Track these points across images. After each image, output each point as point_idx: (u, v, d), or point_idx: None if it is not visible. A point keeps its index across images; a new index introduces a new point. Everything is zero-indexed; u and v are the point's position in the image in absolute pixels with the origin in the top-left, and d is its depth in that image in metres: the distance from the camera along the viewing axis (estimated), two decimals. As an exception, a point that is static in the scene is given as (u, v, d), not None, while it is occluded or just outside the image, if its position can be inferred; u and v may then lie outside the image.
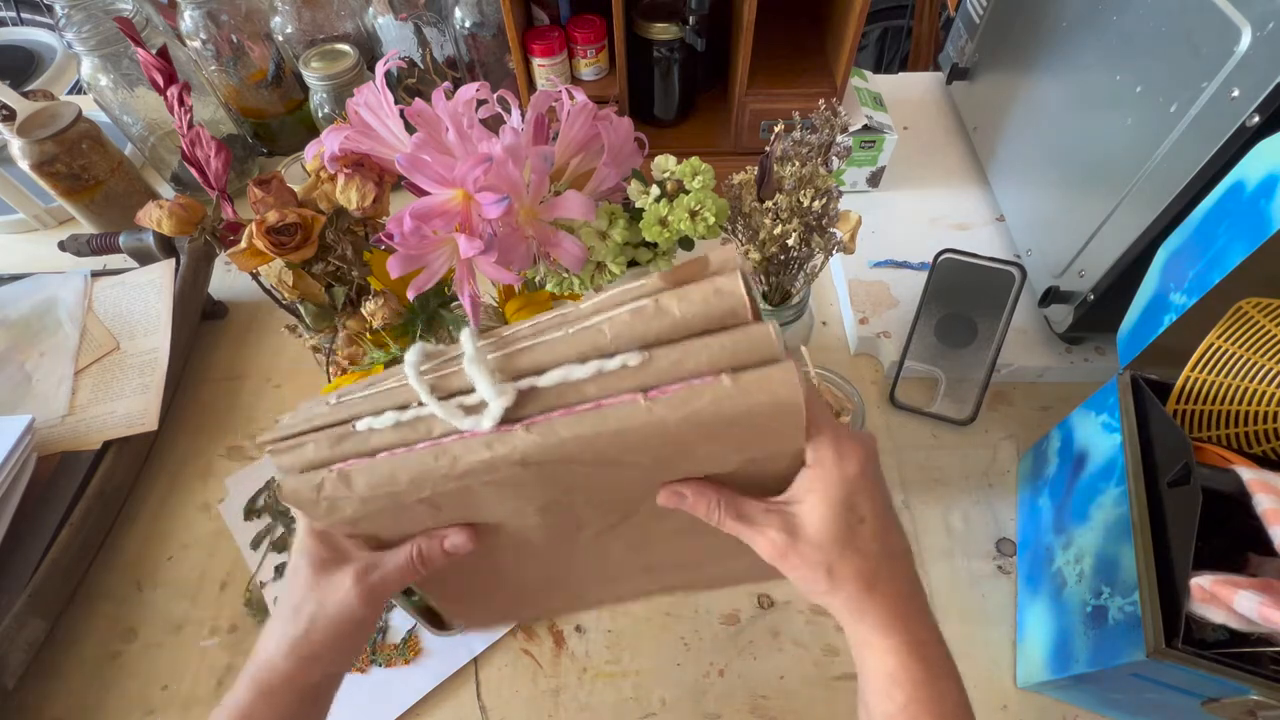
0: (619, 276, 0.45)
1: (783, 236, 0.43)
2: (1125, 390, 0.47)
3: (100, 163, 0.76)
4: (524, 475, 0.29)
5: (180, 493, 0.64)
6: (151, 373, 0.66)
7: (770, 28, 0.75)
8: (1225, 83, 0.45)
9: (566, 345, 0.29)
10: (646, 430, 0.27)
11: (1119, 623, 0.40)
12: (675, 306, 0.28)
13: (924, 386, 0.68)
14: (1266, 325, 0.43)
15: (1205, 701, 0.38)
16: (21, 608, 0.51)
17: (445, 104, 0.41)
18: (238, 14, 0.82)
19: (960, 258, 0.66)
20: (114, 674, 0.55)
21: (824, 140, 0.44)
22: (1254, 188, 0.38)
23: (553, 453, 0.28)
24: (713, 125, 0.84)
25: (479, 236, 0.38)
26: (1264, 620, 0.33)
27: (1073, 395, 0.57)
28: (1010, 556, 0.58)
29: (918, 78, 0.98)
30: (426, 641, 0.55)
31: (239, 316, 0.78)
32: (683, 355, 0.28)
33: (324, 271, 0.49)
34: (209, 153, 0.44)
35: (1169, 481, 0.41)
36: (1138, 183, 0.53)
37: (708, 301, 0.27)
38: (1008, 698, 0.52)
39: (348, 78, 0.80)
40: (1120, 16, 0.56)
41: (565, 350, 0.29)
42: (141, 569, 0.60)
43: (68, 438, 0.61)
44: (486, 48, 0.84)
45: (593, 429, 0.28)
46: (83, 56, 0.74)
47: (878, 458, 0.31)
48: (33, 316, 0.71)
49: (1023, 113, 0.73)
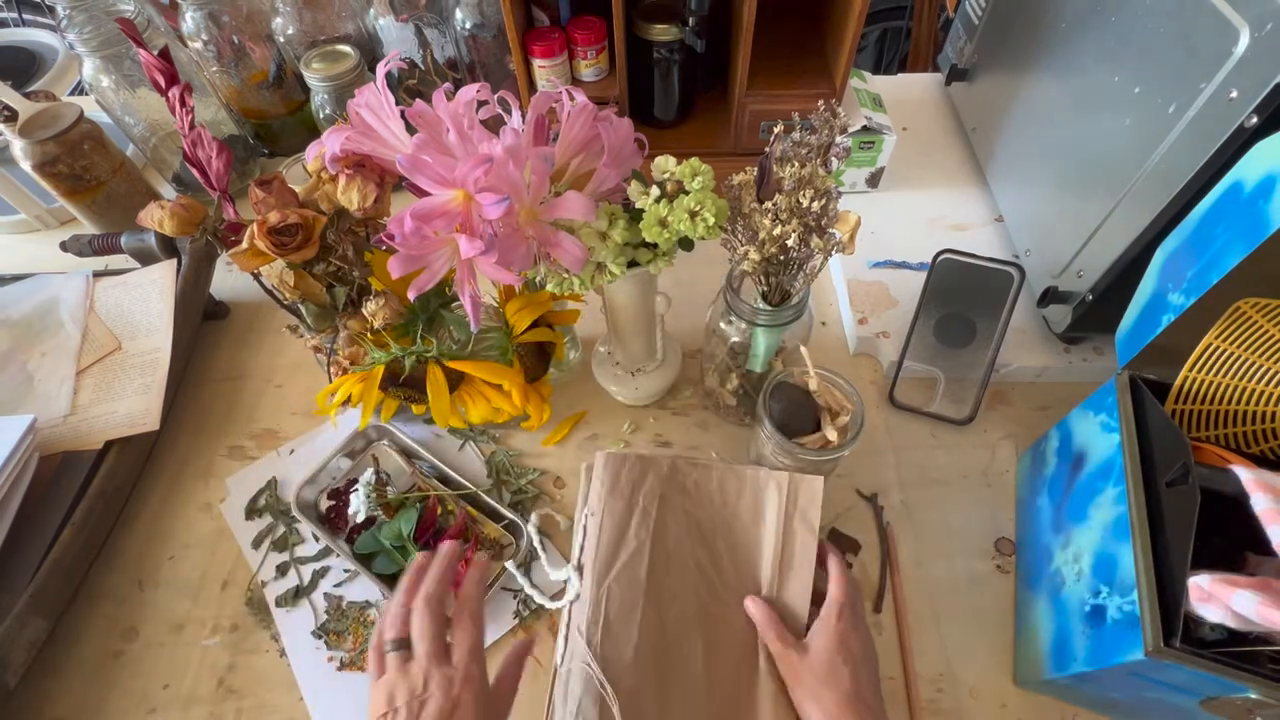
0: (618, 277, 0.45)
1: (782, 237, 0.43)
2: (1124, 390, 0.47)
3: (102, 163, 0.76)
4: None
5: (182, 492, 0.64)
6: (153, 373, 0.66)
7: (770, 29, 0.75)
8: (1224, 83, 0.45)
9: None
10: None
11: (1117, 622, 0.41)
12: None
13: (923, 386, 0.68)
14: (1265, 325, 0.43)
15: (1204, 700, 0.38)
16: (23, 607, 0.51)
17: (446, 105, 0.41)
18: (239, 15, 0.83)
19: (959, 258, 0.66)
20: (116, 673, 0.55)
21: (823, 141, 0.44)
22: (1252, 188, 0.38)
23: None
24: (712, 126, 0.84)
25: (480, 237, 0.38)
26: (1262, 619, 0.33)
27: (1071, 395, 0.57)
28: (1009, 556, 0.58)
29: (917, 79, 0.98)
30: (427, 641, 0.55)
31: (240, 317, 0.78)
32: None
33: (325, 272, 0.50)
34: (210, 153, 0.44)
35: (1167, 481, 0.41)
36: (1136, 183, 0.53)
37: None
38: (1007, 697, 0.52)
39: (349, 79, 0.80)
40: (1119, 17, 0.57)
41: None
42: (143, 568, 0.60)
43: (69, 437, 0.62)
44: (487, 49, 0.84)
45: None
46: (84, 57, 0.74)
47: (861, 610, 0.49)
48: (34, 317, 0.71)
49: (1021, 113, 0.73)
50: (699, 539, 0.52)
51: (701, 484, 0.54)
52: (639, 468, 0.54)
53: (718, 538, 0.52)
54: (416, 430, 0.67)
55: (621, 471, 0.54)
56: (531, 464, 0.65)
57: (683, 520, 0.52)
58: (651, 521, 0.52)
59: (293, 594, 0.58)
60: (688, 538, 0.52)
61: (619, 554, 0.50)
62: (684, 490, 0.54)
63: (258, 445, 0.67)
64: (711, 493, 0.54)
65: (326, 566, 0.59)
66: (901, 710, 0.51)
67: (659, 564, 0.50)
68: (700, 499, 0.54)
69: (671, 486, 0.54)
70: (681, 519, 0.52)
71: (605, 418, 0.68)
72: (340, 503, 0.61)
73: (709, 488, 0.54)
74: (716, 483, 0.54)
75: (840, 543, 0.59)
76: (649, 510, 0.52)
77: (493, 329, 0.57)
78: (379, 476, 0.61)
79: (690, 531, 0.52)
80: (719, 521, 0.53)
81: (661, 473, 0.54)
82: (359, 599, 0.58)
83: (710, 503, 0.54)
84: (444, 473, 0.63)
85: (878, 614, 0.56)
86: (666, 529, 0.52)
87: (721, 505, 0.54)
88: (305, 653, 0.55)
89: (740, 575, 0.51)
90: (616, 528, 0.51)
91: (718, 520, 0.53)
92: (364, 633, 0.56)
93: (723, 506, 0.54)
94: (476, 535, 0.59)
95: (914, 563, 0.58)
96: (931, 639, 0.54)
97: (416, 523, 0.58)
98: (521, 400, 0.54)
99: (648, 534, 0.51)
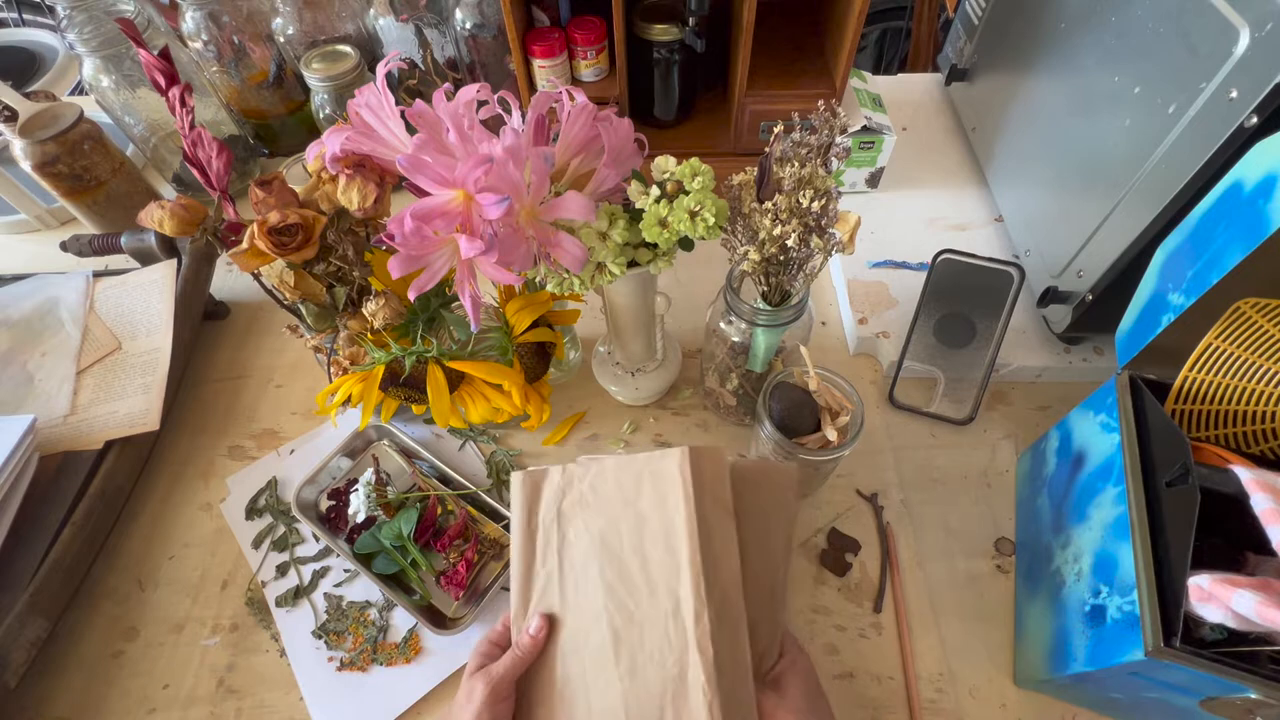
0: (618, 277, 0.45)
1: (782, 237, 0.43)
2: (1124, 390, 0.47)
3: (102, 163, 0.76)
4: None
5: (182, 492, 0.65)
6: (153, 372, 0.66)
7: (770, 29, 0.76)
8: (1224, 84, 0.45)
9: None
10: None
11: (1117, 622, 0.41)
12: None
13: (923, 386, 0.68)
14: (1264, 325, 0.43)
15: (1204, 700, 0.38)
16: (24, 607, 0.51)
17: (446, 105, 0.41)
18: (239, 15, 0.83)
19: (959, 258, 0.66)
20: (116, 673, 0.55)
21: (823, 141, 0.44)
22: (1252, 188, 0.38)
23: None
24: (712, 126, 0.84)
25: (480, 237, 0.38)
26: (1262, 619, 0.33)
27: (1071, 395, 0.57)
28: (1009, 556, 0.58)
29: (917, 79, 0.98)
30: (427, 641, 0.55)
31: (240, 317, 0.78)
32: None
33: (325, 272, 0.50)
34: (211, 154, 0.44)
35: (1167, 481, 0.41)
36: (1136, 183, 0.53)
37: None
38: (1006, 697, 0.52)
39: (349, 79, 0.80)
40: (1118, 17, 0.57)
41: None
42: (143, 568, 0.60)
43: (70, 437, 0.62)
44: (487, 49, 0.84)
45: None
46: (84, 57, 0.74)
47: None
48: (35, 317, 0.71)
49: (1021, 113, 0.73)
50: (606, 555, 0.45)
51: (598, 487, 0.46)
52: (530, 485, 0.48)
53: (624, 548, 0.44)
54: (416, 430, 0.67)
55: (520, 493, 0.48)
56: (531, 464, 0.65)
57: (585, 536, 0.46)
58: (554, 546, 0.46)
59: (293, 594, 0.58)
60: (594, 555, 0.45)
61: (532, 589, 0.46)
62: (582, 502, 0.47)
63: (258, 445, 0.67)
64: (610, 495, 0.46)
65: (326, 566, 0.59)
66: (902, 710, 0.51)
67: (569, 594, 0.45)
68: (600, 506, 0.46)
69: (569, 499, 0.47)
70: (584, 536, 0.46)
71: (605, 418, 0.68)
72: (340, 503, 0.61)
73: (605, 490, 0.46)
74: (613, 482, 0.46)
75: (840, 543, 0.59)
76: (550, 532, 0.47)
77: (493, 329, 0.57)
78: (379, 476, 0.61)
79: (594, 547, 0.45)
80: (625, 528, 0.45)
81: (555, 486, 0.48)
82: (359, 599, 0.58)
83: (611, 507, 0.46)
84: (444, 473, 0.63)
85: (878, 614, 0.56)
86: (571, 550, 0.46)
87: (623, 507, 0.45)
88: (305, 653, 0.55)
89: (655, 587, 0.43)
90: (524, 560, 0.47)
91: (623, 527, 0.45)
92: (364, 633, 0.56)
93: (624, 508, 0.45)
94: (476, 535, 0.59)
95: (914, 563, 0.58)
96: (931, 639, 0.54)
97: (416, 523, 0.58)
98: (521, 400, 0.55)
99: (555, 560, 0.46)
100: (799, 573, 0.58)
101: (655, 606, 0.42)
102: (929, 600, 0.56)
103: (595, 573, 0.44)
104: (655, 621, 0.42)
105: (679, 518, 0.43)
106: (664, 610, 0.42)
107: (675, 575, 0.42)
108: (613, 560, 0.44)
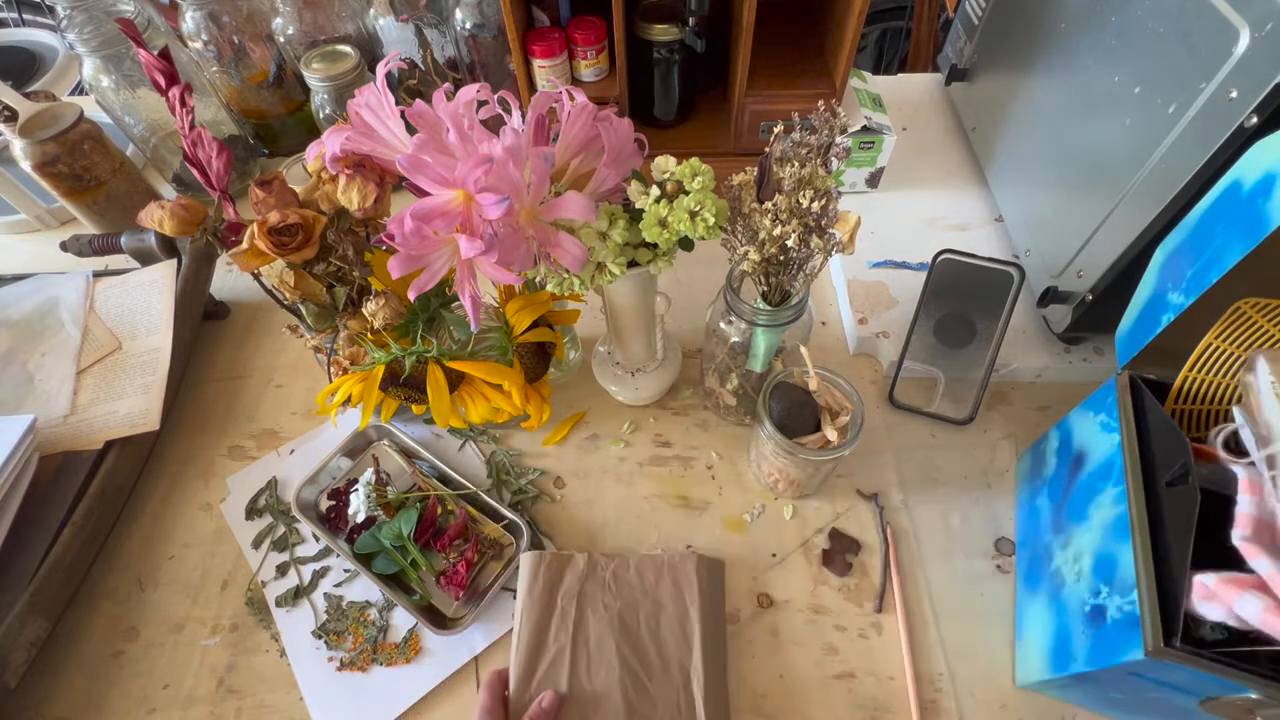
0: (618, 277, 0.45)
1: (782, 237, 0.43)
2: (1124, 390, 0.47)
3: (102, 163, 0.76)
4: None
5: (182, 492, 0.65)
6: (153, 372, 0.66)
7: (770, 29, 0.76)
8: (1223, 83, 0.45)
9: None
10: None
11: (1117, 622, 0.41)
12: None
13: (923, 386, 0.68)
14: (1264, 325, 0.43)
15: (1204, 700, 0.38)
16: (24, 607, 0.51)
17: (446, 105, 0.41)
18: (239, 15, 0.83)
19: (959, 258, 0.66)
20: (116, 673, 0.55)
21: (823, 141, 0.44)
22: (1251, 187, 0.38)
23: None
24: (712, 126, 0.84)
25: (480, 237, 0.38)
26: (1266, 627, 0.33)
27: (1071, 395, 0.57)
28: (1009, 556, 0.58)
29: (917, 79, 0.98)
30: (427, 641, 0.55)
31: (240, 317, 0.78)
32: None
33: (325, 272, 0.50)
34: (211, 154, 0.44)
35: (1167, 481, 0.41)
36: (1136, 183, 0.53)
37: None
38: (1006, 697, 0.52)
39: (349, 79, 0.80)
40: (1118, 17, 0.57)
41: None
42: (143, 568, 0.60)
43: (70, 437, 0.62)
44: (487, 49, 0.84)
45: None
46: (84, 57, 0.74)
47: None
48: (35, 317, 0.71)
49: (1021, 113, 0.73)
50: (623, 633, 0.51)
51: (619, 574, 0.54)
52: (555, 567, 0.54)
53: (641, 628, 0.51)
54: (416, 430, 0.67)
55: (539, 571, 0.53)
56: (531, 464, 0.65)
57: (604, 616, 0.52)
58: (571, 623, 0.51)
59: (293, 594, 0.58)
60: (610, 633, 0.51)
61: (540, 661, 0.50)
62: (603, 584, 0.53)
63: (258, 445, 0.67)
64: (630, 582, 0.54)
65: (326, 566, 0.59)
66: (902, 710, 0.51)
67: (580, 668, 0.50)
68: (620, 590, 0.53)
69: (591, 582, 0.53)
70: (603, 615, 0.52)
71: (605, 418, 0.68)
72: (340, 503, 0.61)
73: (627, 577, 0.54)
74: (634, 571, 0.54)
75: (840, 543, 0.59)
76: (568, 610, 0.52)
77: (493, 329, 0.57)
78: (379, 476, 0.61)
79: (612, 626, 0.51)
80: (643, 611, 0.52)
81: (579, 570, 0.54)
82: (359, 599, 0.58)
83: (631, 592, 0.53)
84: (444, 473, 0.63)
85: (878, 614, 0.56)
86: (588, 627, 0.51)
87: (643, 593, 0.53)
88: (305, 653, 0.55)
89: (668, 665, 0.50)
90: (535, 633, 0.51)
91: (641, 609, 0.52)
92: (364, 633, 0.56)
93: (644, 594, 0.53)
94: (476, 535, 0.59)
95: (914, 563, 0.58)
96: (931, 639, 0.54)
97: (416, 523, 0.58)
98: (521, 400, 0.55)
99: (568, 637, 0.51)
100: (801, 572, 0.58)
101: (668, 681, 0.49)
102: (929, 600, 0.56)
103: (611, 648, 0.50)
104: (668, 694, 0.49)
105: (694, 610, 0.52)
106: (676, 684, 0.49)
107: (688, 655, 0.50)
108: (629, 638, 0.51)
